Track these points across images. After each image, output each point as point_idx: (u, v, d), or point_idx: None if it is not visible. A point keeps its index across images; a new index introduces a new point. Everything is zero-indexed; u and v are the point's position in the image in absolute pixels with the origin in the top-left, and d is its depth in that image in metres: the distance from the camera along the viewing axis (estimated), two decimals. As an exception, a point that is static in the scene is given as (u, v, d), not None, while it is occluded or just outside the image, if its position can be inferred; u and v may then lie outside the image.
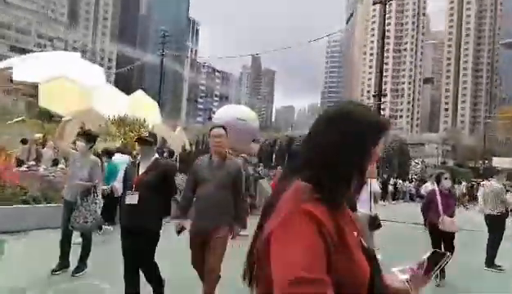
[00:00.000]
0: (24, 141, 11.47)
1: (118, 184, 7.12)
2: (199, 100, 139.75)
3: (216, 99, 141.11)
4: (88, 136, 5.02)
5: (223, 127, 3.55)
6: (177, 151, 15.27)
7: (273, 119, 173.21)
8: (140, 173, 3.53)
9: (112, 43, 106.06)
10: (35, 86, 14.54)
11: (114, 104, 13.43)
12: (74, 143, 8.68)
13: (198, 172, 3.46)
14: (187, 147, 16.59)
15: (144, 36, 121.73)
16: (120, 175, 7.45)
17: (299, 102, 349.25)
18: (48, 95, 12.78)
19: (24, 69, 14.17)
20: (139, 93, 17.07)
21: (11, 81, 13.89)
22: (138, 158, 3.97)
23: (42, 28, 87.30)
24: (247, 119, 27.34)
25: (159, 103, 28.11)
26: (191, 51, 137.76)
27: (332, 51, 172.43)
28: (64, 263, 4.82)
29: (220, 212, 3.35)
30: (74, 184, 4.72)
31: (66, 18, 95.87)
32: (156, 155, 3.69)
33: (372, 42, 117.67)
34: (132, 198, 3.46)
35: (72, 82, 13.05)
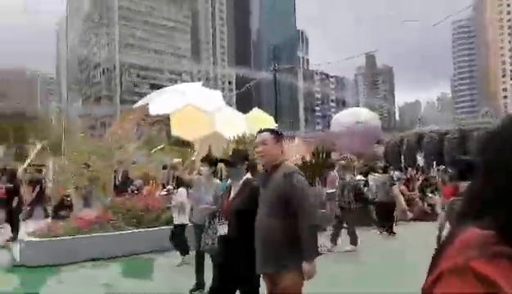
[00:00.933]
0: (164, 167, 12.89)
1: None
2: (316, 108, 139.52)
3: (332, 104, 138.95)
4: (210, 161, 5.25)
5: (272, 131, 2.84)
6: (297, 163, 15.27)
7: (397, 118, 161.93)
8: (230, 198, 3.18)
9: (230, 68, 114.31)
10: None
11: (233, 124, 14.16)
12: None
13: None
14: (307, 158, 16.42)
15: (257, 56, 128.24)
16: None
17: (425, 95, 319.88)
18: (178, 124, 14.22)
19: (158, 102, 16.04)
20: (255, 111, 17.74)
21: (147, 115, 16.01)
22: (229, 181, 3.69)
23: (172, 65, 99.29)
24: (366, 120, 25.81)
25: (276, 117, 28.83)
26: (303, 61, 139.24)
27: (459, 32, 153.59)
28: (200, 282, 5.08)
29: (270, 249, 2.54)
30: (202, 208, 4.94)
31: (190, 53, 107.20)
32: (247, 175, 3.23)
33: (510, 13, 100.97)
34: (222, 228, 3.21)
35: (196, 108, 14.24)
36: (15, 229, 9.06)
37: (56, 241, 6.85)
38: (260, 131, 2.84)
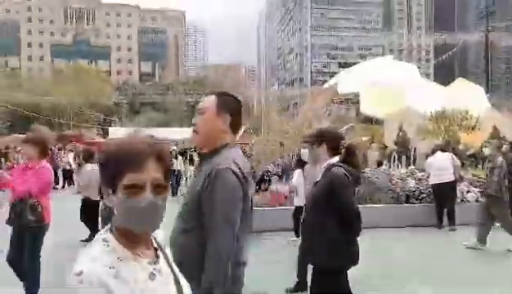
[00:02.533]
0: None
1: None
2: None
3: None
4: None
5: (218, 95, 1.87)
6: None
7: None
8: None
9: (428, 36, 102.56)
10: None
11: (432, 98, 12.70)
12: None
13: None
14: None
15: (463, 18, 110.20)
16: None
17: None
18: (367, 101, 13.76)
19: (346, 81, 15.94)
20: (458, 81, 15.35)
21: (336, 94, 16.10)
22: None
23: (362, 41, 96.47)
24: None
25: (488, 87, 24.27)
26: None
27: None
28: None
29: (185, 271, 1.32)
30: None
31: (381, 24, 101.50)
32: (331, 160, 2.71)
33: None
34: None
35: (386, 84, 13.43)
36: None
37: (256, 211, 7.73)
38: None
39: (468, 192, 8.93)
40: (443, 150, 8.57)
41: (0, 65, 69.52)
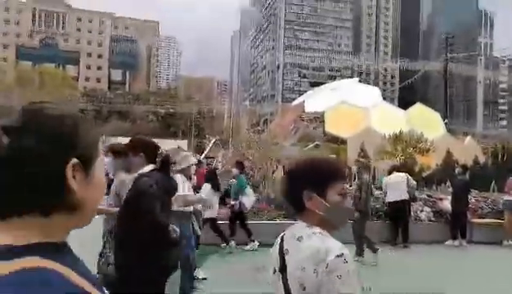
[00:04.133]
0: None
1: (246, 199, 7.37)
2: (500, 100, 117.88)
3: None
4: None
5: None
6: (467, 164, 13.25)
7: None
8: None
9: (393, 61, 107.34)
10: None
11: (391, 121, 13.32)
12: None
13: None
14: (480, 159, 14.12)
15: (426, 46, 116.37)
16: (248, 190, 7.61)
17: None
18: (332, 121, 14.23)
19: (313, 100, 16.43)
20: (417, 106, 16.22)
21: (304, 111, 16.55)
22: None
23: (332, 63, 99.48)
24: None
25: (446, 112, 25.64)
26: (485, 48, 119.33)
27: None
28: None
29: None
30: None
31: (351, 48, 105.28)
32: (146, 168, 2.65)
33: None
34: None
35: (351, 105, 13.98)
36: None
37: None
38: None
39: (421, 211, 9.39)
40: (399, 170, 9.01)
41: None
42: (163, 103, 52.61)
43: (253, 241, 7.29)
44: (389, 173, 9.19)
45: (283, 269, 1.28)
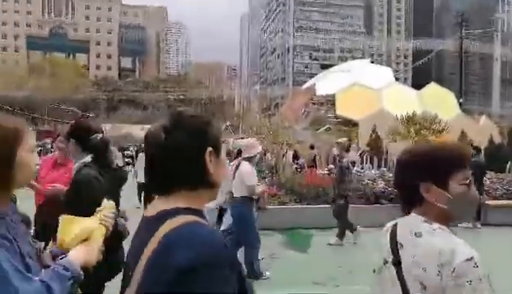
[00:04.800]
0: (311, 147, 13.00)
1: None
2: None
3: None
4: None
5: None
6: (482, 145, 12.99)
7: None
8: None
9: (406, 41, 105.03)
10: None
11: (404, 102, 13.05)
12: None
13: None
14: (496, 139, 13.80)
15: (441, 26, 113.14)
16: None
17: None
18: (343, 103, 14.03)
19: (324, 83, 16.19)
20: (431, 86, 15.83)
21: (315, 95, 16.36)
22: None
23: (343, 44, 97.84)
24: None
25: (461, 92, 25.06)
26: (502, 24, 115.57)
27: None
28: None
29: None
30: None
31: (362, 28, 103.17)
32: (84, 159, 2.32)
33: None
34: None
35: (362, 87, 13.72)
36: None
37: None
38: None
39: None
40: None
41: (-28, 57, 67.13)
42: (174, 89, 52.66)
43: None
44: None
45: (396, 263, 1.21)
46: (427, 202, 1.20)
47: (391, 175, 9.63)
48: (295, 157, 13.44)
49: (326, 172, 10.29)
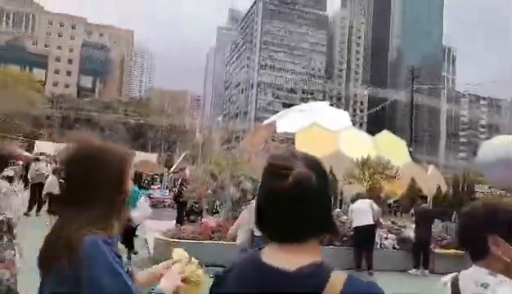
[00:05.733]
0: None
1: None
2: (461, 133, 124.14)
3: (482, 130, 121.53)
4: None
5: None
6: (430, 194, 13.66)
7: None
8: None
9: (363, 88, 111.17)
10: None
11: (359, 145, 13.52)
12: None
13: None
14: (443, 189, 14.57)
15: (394, 76, 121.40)
16: (141, 203, 6.98)
17: None
18: (303, 142, 14.27)
19: (285, 121, 16.48)
20: (384, 133, 16.64)
21: (275, 131, 16.60)
22: None
23: (305, 85, 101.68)
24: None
25: (411, 141, 26.51)
26: (448, 82, 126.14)
27: None
28: None
29: None
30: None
31: (323, 72, 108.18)
32: None
33: None
34: None
35: (321, 127, 14.10)
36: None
37: (181, 243, 7.46)
38: None
39: (386, 238, 9.45)
40: (364, 197, 9.12)
41: None
42: (134, 113, 51.50)
43: (136, 253, 7.57)
44: (354, 200, 9.31)
45: None
46: (492, 255, 1.22)
47: (346, 217, 9.77)
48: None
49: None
